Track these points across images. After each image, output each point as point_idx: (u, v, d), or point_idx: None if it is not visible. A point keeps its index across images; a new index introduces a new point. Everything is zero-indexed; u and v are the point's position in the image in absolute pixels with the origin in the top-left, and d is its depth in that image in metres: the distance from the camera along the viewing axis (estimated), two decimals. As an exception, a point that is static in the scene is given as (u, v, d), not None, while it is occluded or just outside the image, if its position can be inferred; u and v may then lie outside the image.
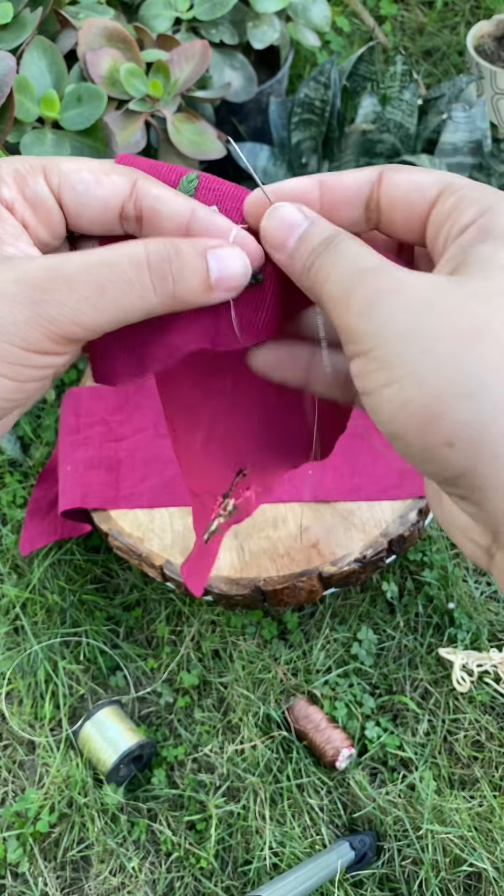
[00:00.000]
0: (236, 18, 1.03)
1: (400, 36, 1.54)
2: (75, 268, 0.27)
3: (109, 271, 0.27)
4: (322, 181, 0.29)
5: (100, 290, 0.26)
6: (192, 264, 0.28)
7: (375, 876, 0.86)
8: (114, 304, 0.27)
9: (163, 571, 0.89)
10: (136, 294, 0.27)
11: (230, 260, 0.29)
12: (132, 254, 0.27)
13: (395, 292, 0.25)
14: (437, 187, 0.27)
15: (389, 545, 0.88)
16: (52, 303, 0.26)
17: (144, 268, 0.27)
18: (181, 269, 0.28)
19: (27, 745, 0.96)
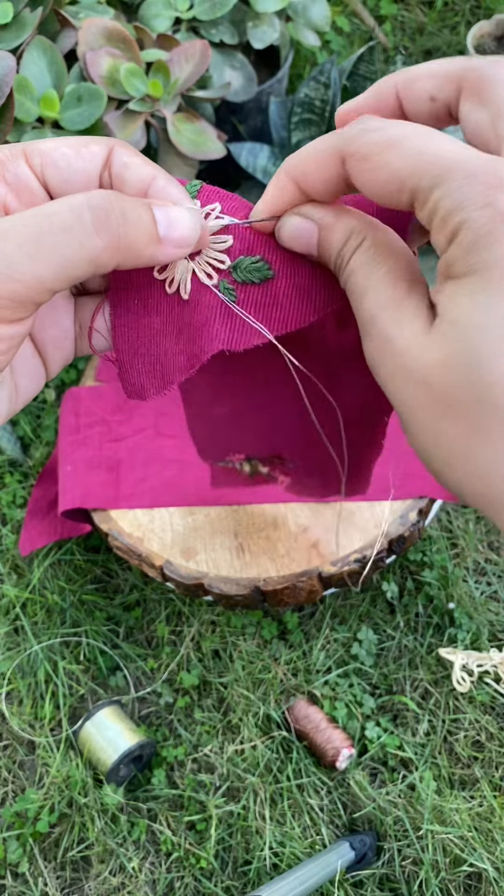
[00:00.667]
0: (236, 18, 1.03)
1: (400, 36, 1.54)
2: (11, 221, 0.26)
3: (46, 219, 0.26)
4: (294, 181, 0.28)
5: (36, 238, 0.25)
6: (136, 211, 0.27)
7: (375, 876, 0.86)
8: (52, 252, 0.26)
9: (163, 571, 0.89)
10: (77, 240, 0.26)
11: (177, 214, 0.28)
12: (72, 201, 0.26)
13: (388, 360, 0.25)
14: (406, 193, 0.25)
15: (389, 545, 0.88)
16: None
17: (84, 210, 0.26)
18: (124, 213, 0.27)
19: (27, 745, 0.96)
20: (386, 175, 0.25)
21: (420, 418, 0.25)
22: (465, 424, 0.23)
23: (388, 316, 0.25)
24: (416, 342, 0.24)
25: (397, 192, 0.25)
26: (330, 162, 0.27)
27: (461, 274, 0.24)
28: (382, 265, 0.26)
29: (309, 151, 0.27)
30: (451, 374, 0.23)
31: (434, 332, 0.24)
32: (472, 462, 0.24)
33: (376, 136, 0.25)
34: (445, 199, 0.24)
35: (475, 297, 0.23)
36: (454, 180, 0.24)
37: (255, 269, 0.30)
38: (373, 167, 0.25)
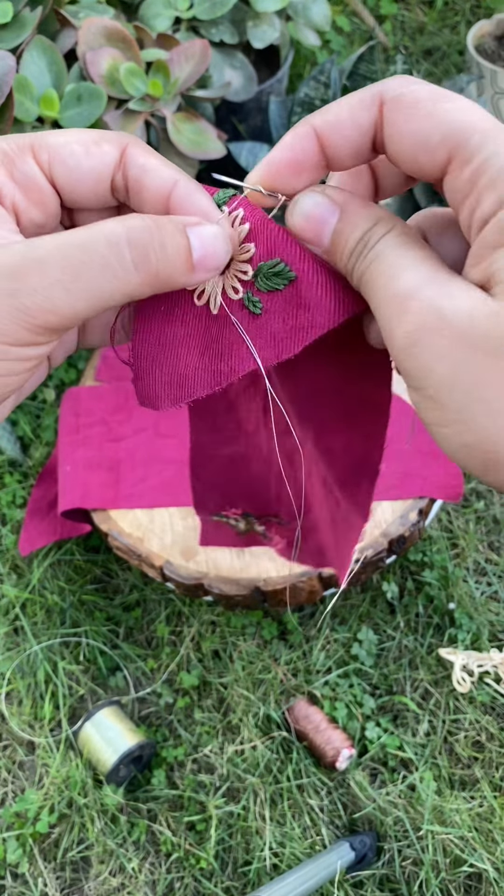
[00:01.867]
0: (236, 18, 1.03)
1: (400, 35, 1.54)
2: (47, 251, 0.25)
3: (84, 252, 0.25)
4: (318, 132, 0.26)
5: (74, 273, 0.25)
6: (175, 241, 0.26)
7: (376, 876, 0.86)
8: (90, 288, 0.25)
9: (163, 572, 0.89)
10: (114, 275, 0.25)
11: (211, 238, 0.27)
12: (109, 232, 0.25)
13: (436, 332, 0.23)
14: (445, 148, 0.23)
15: (390, 545, 0.88)
16: (25, 290, 0.24)
17: (124, 246, 0.25)
18: (164, 246, 0.26)
19: (27, 745, 0.96)
20: (429, 126, 0.23)
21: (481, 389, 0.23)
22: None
23: (435, 290, 0.24)
24: (479, 309, 0.23)
25: (436, 146, 0.23)
26: (366, 108, 0.25)
27: None
28: (419, 249, 0.25)
29: (343, 99, 0.26)
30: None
31: (500, 298, 0.23)
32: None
33: (426, 88, 0.24)
34: (496, 158, 0.22)
35: None
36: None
37: (275, 273, 0.29)
38: (417, 115, 0.24)
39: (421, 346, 0.24)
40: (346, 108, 0.25)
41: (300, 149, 0.26)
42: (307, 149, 0.26)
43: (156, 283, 0.26)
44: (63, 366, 1.20)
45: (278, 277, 0.28)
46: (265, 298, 0.29)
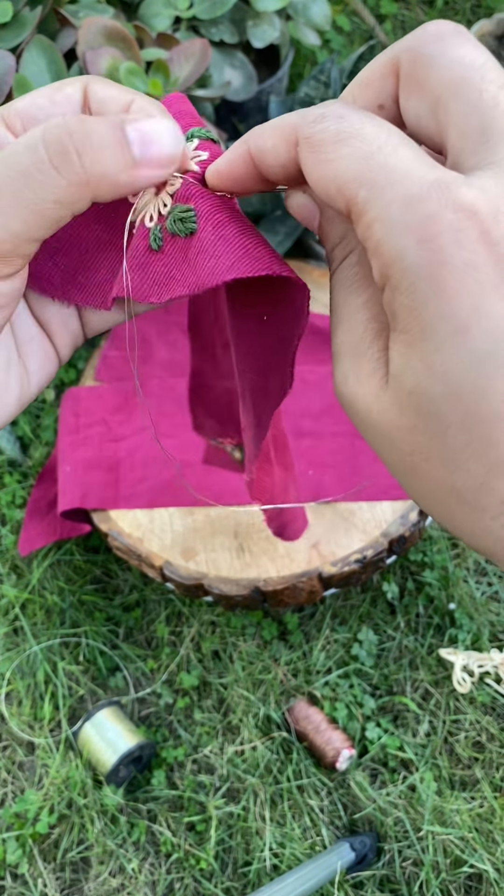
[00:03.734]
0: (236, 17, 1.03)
1: (400, 35, 1.54)
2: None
3: (5, 167, 0.23)
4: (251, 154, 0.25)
5: None
6: (102, 134, 0.24)
7: (376, 877, 0.86)
8: (17, 202, 0.23)
9: (162, 572, 0.89)
10: (37, 182, 0.23)
11: (153, 129, 0.24)
12: (28, 139, 0.23)
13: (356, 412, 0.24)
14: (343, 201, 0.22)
15: (390, 545, 0.88)
16: None
17: (41, 147, 0.23)
18: (86, 140, 0.23)
19: (27, 745, 0.96)
20: (331, 172, 0.22)
21: (394, 470, 0.24)
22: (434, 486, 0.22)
23: (350, 367, 0.23)
24: (374, 402, 0.23)
25: (336, 195, 0.22)
26: (285, 142, 0.23)
27: (406, 329, 0.21)
28: (362, 293, 0.24)
29: (268, 126, 0.24)
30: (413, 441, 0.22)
31: (389, 393, 0.22)
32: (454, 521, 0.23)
33: (333, 126, 0.22)
34: (379, 223, 0.20)
35: (427, 361, 0.20)
36: (393, 201, 0.20)
37: (182, 219, 0.27)
38: (319, 161, 0.22)
39: (351, 416, 0.24)
40: (269, 140, 0.24)
41: (238, 168, 0.26)
42: (244, 168, 0.25)
43: (88, 182, 0.24)
44: (63, 365, 1.20)
45: (183, 224, 0.27)
46: (167, 239, 0.28)
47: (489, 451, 0.20)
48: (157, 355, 1.07)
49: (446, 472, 0.22)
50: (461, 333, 0.20)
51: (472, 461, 0.21)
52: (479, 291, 0.20)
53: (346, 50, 1.48)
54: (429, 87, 0.22)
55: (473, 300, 0.20)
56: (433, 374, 0.20)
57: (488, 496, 0.21)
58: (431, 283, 0.20)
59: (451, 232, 0.20)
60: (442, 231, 0.20)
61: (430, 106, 0.22)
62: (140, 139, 0.24)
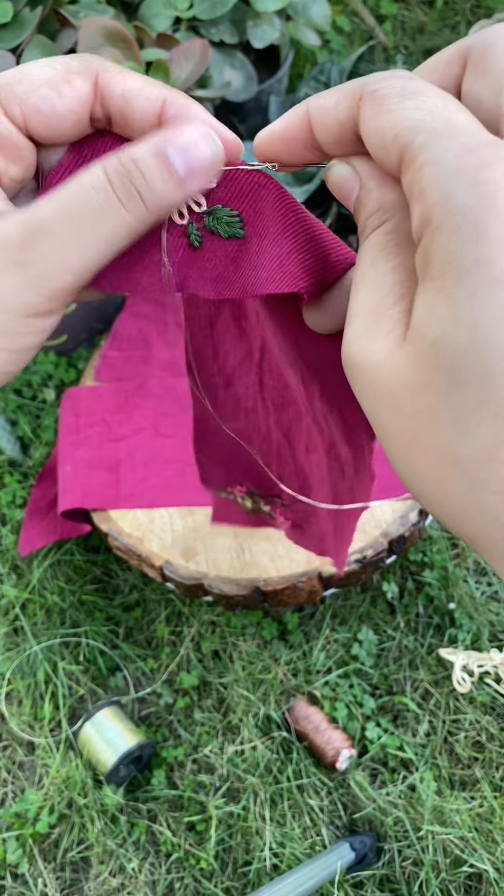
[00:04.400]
0: (236, 17, 1.03)
1: (400, 35, 1.54)
2: (47, 214, 0.25)
3: (79, 205, 0.25)
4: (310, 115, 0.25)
5: (75, 226, 0.25)
6: (151, 168, 0.25)
7: (376, 877, 0.86)
8: (93, 236, 0.25)
9: (162, 572, 0.89)
10: (109, 218, 0.25)
11: (194, 146, 0.26)
12: (94, 180, 0.25)
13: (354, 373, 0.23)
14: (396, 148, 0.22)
15: (390, 545, 0.88)
16: (38, 257, 0.25)
17: (108, 187, 0.25)
18: (142, 178, 0.25)
19: (27, 745, 0.96)
20: (386, 124, 0.22)
21: (391, 441, 0.23)
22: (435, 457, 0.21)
23: (366, 325, 0.23)
24: (387, 359, 0.22)
25: (391, 144, 0.22)
26: (348, 98, 0.24)
27: (439, 275, 0.20)
28: (391, 259, 0.24)
29: (336, 87, 0.25)
30: (422, 401, 0.21)
31: (407, 347, 0.21)
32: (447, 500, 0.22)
33: (400, 83, 0.22)
34: (431, 166, 0.20)
35: (457, 309, 0.20)
36: (450, 148, 0.20)
37: (228, 223, 0.28)
38: (380, 112, 0.22)
39: (353, 381, 0.24)
40: (332, 97, 0.24)
41: (293, 129, 0.26)
42: (299, 130, 0.26)
43: (150, 212, 0.26)
44: (63, 365, 1.20)
45: (228, 227, 0.28)
46: (207, 238, 0.29)
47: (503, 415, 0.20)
48: (158, 355, 1.07)
49: (452, 438, 0.21)
50: (499, 283, 0.19)
51: (484, 426, 0.20)
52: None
53: (346, 50, 1.48)
54: (495, 73, 0.22)
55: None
56: (461, 323, 0.20)
57: (494, 468, 0.20)
58: (476, 226, 0.19)
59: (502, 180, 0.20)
60: (495, 179, 0.19)
61: (494, 90, 0.22)
62: (182, 157, 0.26)
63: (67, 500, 0.95)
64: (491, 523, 0.21)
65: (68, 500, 0.95)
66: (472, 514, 0.21)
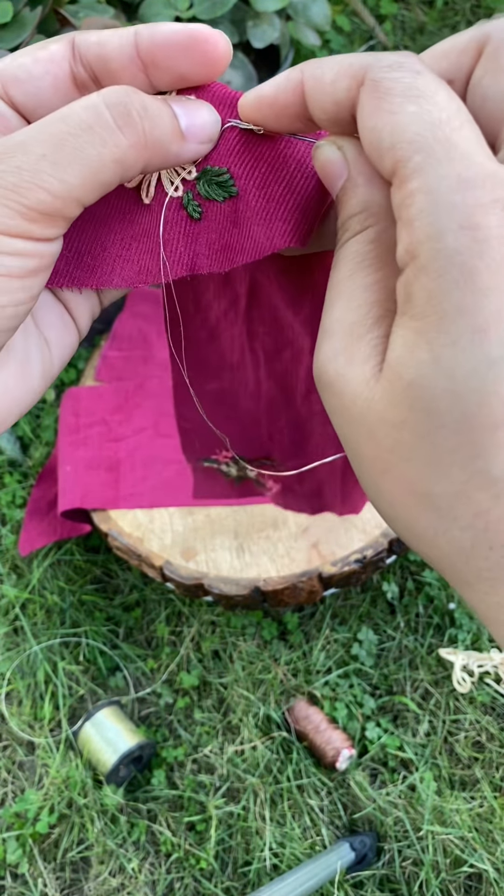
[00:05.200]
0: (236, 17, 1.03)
1: (400, 35, 1.54)
2: (26, 133, 0.24)
3: (64, 123, 0.23)
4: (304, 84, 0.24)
5: (57, 143, 0.23)
6: (155, 105, 0.24)
7: (376, 877, 0.86)
8: (77, 157, 0.23)
9: (163, 572, 0.89)
10: (99, 138, 0.23)
11: (196, 107, 0.25)
12: (87, 101, 0.24)
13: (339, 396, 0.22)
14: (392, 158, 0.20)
15: (390, 545, 0.88)
16: (10, 171, 0.23)
17: (103, 108, 0.24)
18: (145, 107, 0.24)
19: (27, 745, 0.96)
20: (390, 125, 0.20)
21: (363, 466, 0.23)
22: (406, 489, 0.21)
23: (343, 347, 0.22)
24: (363, 389, 0.21)
25: (387, 151, 0.20)
26: (349, 79, 0.22)
27: (420, 315, 0.20)
28: (371, 273, 0.23)
29: (332, 59, 0.23)
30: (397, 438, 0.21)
31: (383, 382, 0.21)
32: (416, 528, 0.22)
33: (407, 79, 0.20)
34: (424, 195, 0.19)
35: (437, 354, 0.19)
36: (446, 177, 0.19)
37: (218, 182, 0.27)
38: (381, 109, 0.21)
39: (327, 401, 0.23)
40: (331, 72, 0.22)
41: (284, 97, 0.24)
42: (291, 99, 0.24)
43: (147, 145, 0.24)
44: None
45: (220, 188, 0.27)
46: (204, 205, 0.27)
47: (476, 459, 0.20)
48: (158, 355, 1.07)
49: (425, 474, 0.21)
50: (480, 332, 0.19)
51: (457, 467, 0.20)
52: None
53: (346, 50, 1.48)
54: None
55: (500, 300, 0.19)
56: (440, 369, 0.19)
57: (463, 505, 0.21)
58: (463, 272, 0.19)
59: (497, 227, 0.19)
60: (489, 224, 0.19)
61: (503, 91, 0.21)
62: (185, 113, 0.25)
63: (67, 500, 0.95)
64: (457, 555, 0.22)
65: (68, 500, 0.95)
66: (440, 544, 0.22)
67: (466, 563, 0.21)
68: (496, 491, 0.20)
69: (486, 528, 0.20)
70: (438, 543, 0.22)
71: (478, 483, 0.20)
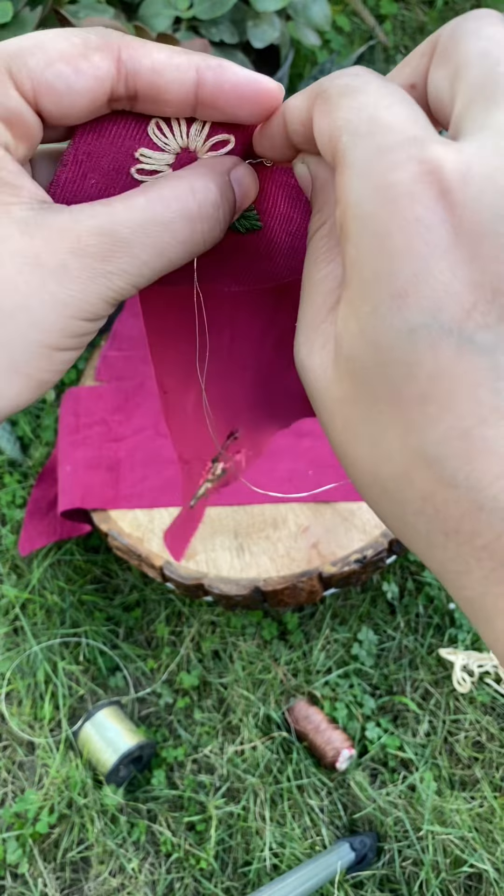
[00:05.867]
0: (236, 17, 1.03)
1: (400, 35, 1.54)
2: (131, 231, 0.23)
3: (167, 233, 0.24)
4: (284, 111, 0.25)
5: (159, 254, 0.24)
6: (229, 200, 0.25)
7: (376, 877, 0.86)
8: (169, 263, 0.24)
9: (163, 572, 0.89)
10: (189, 251, 0.25)
11: (246, 181, 0.26)
12: (184, 209, 0.24)
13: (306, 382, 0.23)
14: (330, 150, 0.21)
15: (390, 545, 0.88)
16: (116, 273, 0.23)
17: (196, 222, 0.24)
18: (227, 214, 0.25)
19: (27, 745, 0.96)
20: (328, 121, 0.21)
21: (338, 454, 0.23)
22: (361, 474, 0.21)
23: (305, 336, 0.23)
24: (322, 374, 0.22)
25: (327, 144, 0.21)
26: (308, 99, 0.23)
27: (348, 285, 0.20)
28: (323, 266, 0.23)
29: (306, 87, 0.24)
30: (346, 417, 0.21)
31: (335, 365, 0.21)
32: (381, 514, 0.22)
33: (344, 80, 0.21)
34: (349, 169, 0.20)
35: (362, 324, 0.19)
36: (367, 149, 0.19)
37: (245, 216, 0.28)
38: (323, 111, 0.22)
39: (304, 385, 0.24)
40: (300, 97, 0.24)
41: (273, 128, 0.25)
42: (276, 130, 0.25)
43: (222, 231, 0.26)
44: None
45: (246, 222, 0.28)
46: None
47: (410, 436, 0.19)
48: (157, 355, 1.07)
49: (371, 457, 0.20)
50: (399, 298, 0.18)
51: (396, 445, 0.19)
52: (425, 253, 0.18)
53: (346, 50, 1.48)
54: (453, 59, 0.21)
55: (417, 262, 0.18)
56: (366, 339, 0.19)
57: (408, 489, 0.19)
58: (378, 234, 0.18)
59: (409, 184, 0.18)
60: (400, 181, 0.18)
61: (450, 76, 0.21)
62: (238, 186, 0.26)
63: (67, 500, 0.95)
64: (419, 541, 0.20)
65: (68, 500, 0.95)
66: (403, 531, 0.21)
67: (429, 552, 0.20)
68: (436, 473, 0.19)
69: (436, 514, 0.19)
70: (401, 531, 0.21)
71: (417, 464, 0.19)
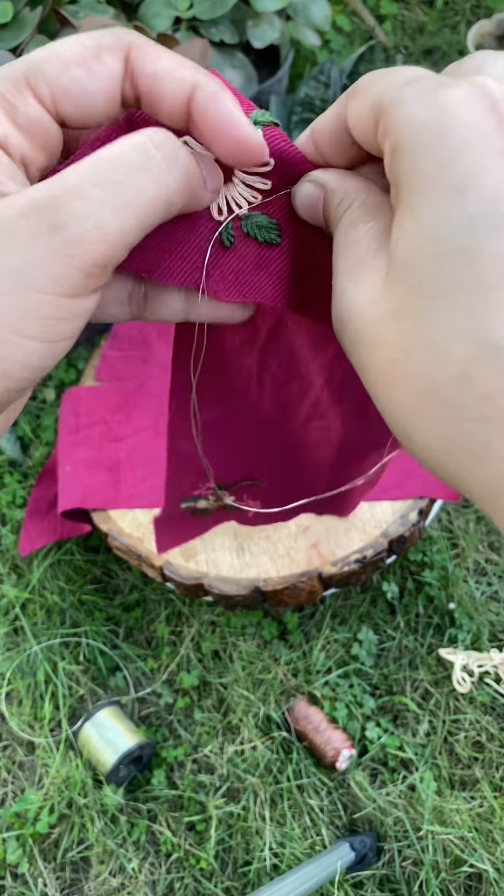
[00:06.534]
0: (236, 17, 1.03)
1: (400, 35, 1.54)
2: (78, 175, 0.22)
3: (116, 164, 0.23)
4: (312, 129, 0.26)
5: (114, 186, 0.22)
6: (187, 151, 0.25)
7: (376, 877, 0.86)
8: (134, 200, 0.23)
9: (163, 572, 0.89)
10: (152, 178, 0.23)
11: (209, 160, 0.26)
12: (133, 142, 0.23)
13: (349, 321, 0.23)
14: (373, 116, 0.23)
15: (390, 545, 0.88)
16: (71, 219, 0.22)
17: (151, 148, 0.23)
18: (184, 153, 0.24)
19: (27, 745, 0.96)
20: (366, 102, 0.22)
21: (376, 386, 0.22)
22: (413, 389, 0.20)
23: (350, 280, 0.23)
24: (369, 297, 0.22)
25: (367, 116, 0.22)
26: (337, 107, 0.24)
27: (405, 193, 0.20)
28: (364, 225, 0.24)
29: (331, 107, 0.25)
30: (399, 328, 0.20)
31: (386, 279, 0.21)
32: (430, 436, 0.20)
33: (372, 76, 0.23)
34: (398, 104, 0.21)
35: (420, 221, 0.20)
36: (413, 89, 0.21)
37: (266, 229, 0.28)
38: (358, 98, 0.23)
39: (342, 337, 0.24)
40: (328, 113, 0.25)
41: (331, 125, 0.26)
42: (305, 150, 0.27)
43: (189, 186, 0.25)
44: (63, 366, 1.20)
45: (266, 233, 0.28)
46: (240, 239, 0.28)
47: (473, 327, 0.19)
48: (158, 355, 1.07)
49: (427, 362, 0.20)
50: (458, 191, 0.19)
51: (457, 341, 0.19)
52: (480, 151, 0.19)
53: (346, 50, 1.48)
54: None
55: (474, 158, 0.19)
56: (424, 236, 0.19)
57: (468, 390, 0.19)
58: (435, 138, 0.20)
59: (461, 98, 0.20)
60: (453, 97, 0.20)
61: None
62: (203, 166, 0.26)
63: (67, 500, 0.95)
64: (472, 458, 0.20)
65: (68, 500, 0.95)
66: (455, 447, 0.20)
67: (484, 468, 0.19)
68: (500, 365, 0.18)
69: (499, 414, 0.19)
70: (452, 449, 0.20)
71: (479, 358, 0.19)
